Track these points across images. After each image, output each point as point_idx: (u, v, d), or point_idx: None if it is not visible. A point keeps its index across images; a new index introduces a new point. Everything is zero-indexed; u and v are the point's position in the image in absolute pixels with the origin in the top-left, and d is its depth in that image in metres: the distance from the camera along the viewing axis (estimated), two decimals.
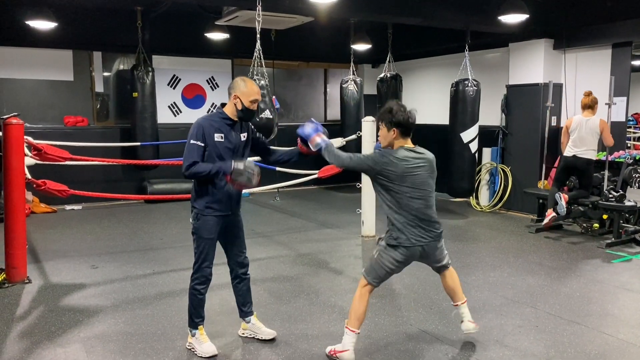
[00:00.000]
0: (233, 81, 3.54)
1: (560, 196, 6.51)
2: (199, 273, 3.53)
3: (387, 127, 3.37)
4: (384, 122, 3.38)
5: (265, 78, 5.87)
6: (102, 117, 9.36)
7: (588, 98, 6.65)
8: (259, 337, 3.74)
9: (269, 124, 5.74)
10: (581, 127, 6.60)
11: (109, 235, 6.82)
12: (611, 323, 4.07)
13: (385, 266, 3.42)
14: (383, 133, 3.41)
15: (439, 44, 9.32)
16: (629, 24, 6.96)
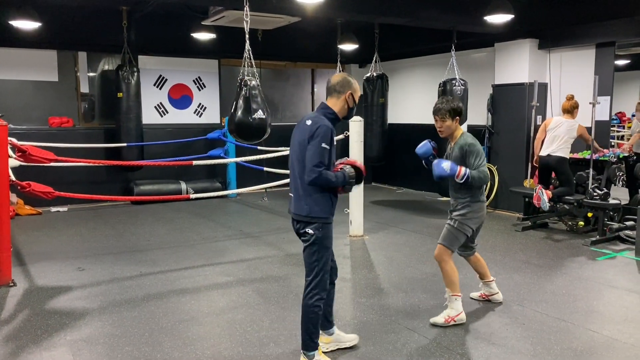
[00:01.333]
0: (340, 78, 3.29)
1: (543, 192, 6.59)
2: (320, 287, 3.23)
3: (452, 118, 4.01)
4: (449, 115, 4.00)
5: (256, 78, 5.86)
6: (88, 118, 9.28)
7: (568, 103, 6.83)
8: (343, 347, 3.55)
9: (262, 124, 5.72)
10: (559, 127, 6.74)
11: (95, 237, 6.76)
12: (596, 320, 4.11)
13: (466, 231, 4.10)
14: (448, 124, 4.03)
15: (425, 43, 9.37)
16: (612, 24, 7.05)
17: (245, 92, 5.68)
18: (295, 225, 3.29)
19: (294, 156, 3.25)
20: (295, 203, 3.25)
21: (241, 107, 5.72)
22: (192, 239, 6.60)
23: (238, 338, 3.76)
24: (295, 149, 3.23)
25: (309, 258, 3.24)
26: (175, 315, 4.18)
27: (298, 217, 3.23)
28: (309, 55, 10.74)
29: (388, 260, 5.77)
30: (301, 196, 3.20)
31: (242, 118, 5.73)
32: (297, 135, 3.25)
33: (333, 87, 3.28)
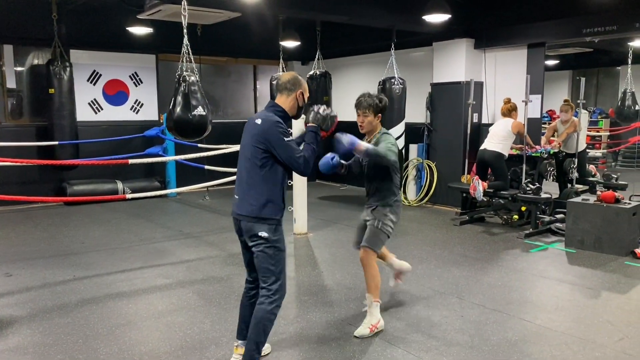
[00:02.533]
0: (291, 77, 3.21)
1: (479, 182, 6.82)
2: (281, 292, 3.11)
3: (374, 114, 3.85)
4: (372, 110, 3.83)
5: (195, 74, 5.72)
6: (15, 115, 8.78)
7: (505, 106, 7.15)
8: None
9: (202, 120, 5.58)
10: (497, 125, 7.02)
11: (24, 240, 6.41)
12: (530, 309, 4.28)
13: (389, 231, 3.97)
14: (370, 119, 3.82)
15: (366, 42, 9.48)
16: (542, 25, 7.38)
17: (184, 88, 5.54)
18: (242, 227, 3.09)
19: (243, 155, 3.14)
20: (240, 203, 3.10)
21: (180, 104, 5.57)
22: (130, 241, 6.38)
23: (178, 341, 3.66)
24: (246, 148, 3.12)
25: (264, 263, 3.06)
26: (111, 320, 4.02)
27: (244, 218, 3.06)
28: (250, 52, 10.62)
29: (332, 257, 5.79)
30: (248, 195, 3.07)
31: (181, 115, 5.57)
32: (247, 134, 3.13)
33: (283, 85, 3.19)
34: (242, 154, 3.16)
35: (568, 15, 7.07)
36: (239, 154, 3.21)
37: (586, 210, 6.01)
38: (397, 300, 4.44)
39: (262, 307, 3.07)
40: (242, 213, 3.08)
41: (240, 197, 3.11)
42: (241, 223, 3.10)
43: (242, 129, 3.64)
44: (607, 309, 4.30)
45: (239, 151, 3.22)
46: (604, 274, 5.17)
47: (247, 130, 3.16)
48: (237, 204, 3.12)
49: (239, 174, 3.17)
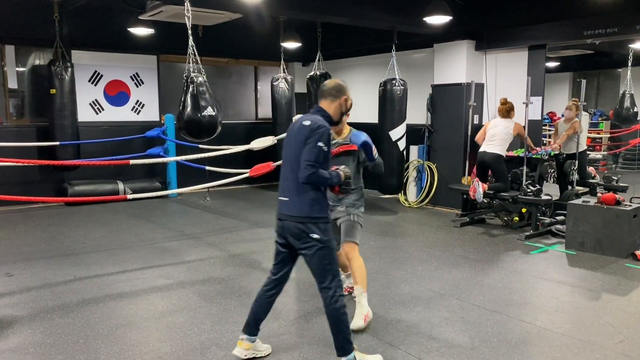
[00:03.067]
0: (336, 84, 3.33)
1: (479, 184, 6.81)
2: (341, 287, 3.17)
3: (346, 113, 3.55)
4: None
5: (202, 74, 5.72)
6: (17, 115, 8.79)
7: (503, 107, 7.10)
8: (259, 356, 3.42)
9: (212, 121, 5.59)
10: (497, 126, 7.01)
11: (25, 240, 6.41)
12: (530, 311, 4.29)
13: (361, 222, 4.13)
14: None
15: (367, 43, 9.49)
16: (543, 27, 7.38)
17: (192, 89, 5.55)
18: (291, 227, 3.14)
19: (291, 157, 3.16)
20: (292, 204, 3.15)
21: (189, 105, 5.59)
22: (130, 241, 6.39)
23: (178, 342, 3.67)
24: (292, 151, 3.16)
25: (317, 265, 3.14)
26: (111, 321, 4.02)
27: (294, 219, 3.12)
28: (251, 53, 10.64)
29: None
30: (297, 197, 3.13)
31: (191, 115, 5.59)
32: (293, 135, 3.19)
33: (329, 92, 3.30)
34: (288, 155, 3.19)
35: (569, 17, 7.08)
36: (283, 155, 3.25)
37: (587, 212, 6.01)
38: (398, 302, 4.44)
39: (332, 307, 3.13)
40: (292, 214, 3.14)
41: (290, 199, 3.16)
42: (289, 224, 3.15)
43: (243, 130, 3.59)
44: (607, 310, 4.30)
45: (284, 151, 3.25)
46: (604, 276, 5.17)
47: (293, 131, 3.21)
48: (286, 205, 3.18)
49: (284, 175, 3.22)
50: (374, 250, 6.06)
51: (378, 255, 5.87)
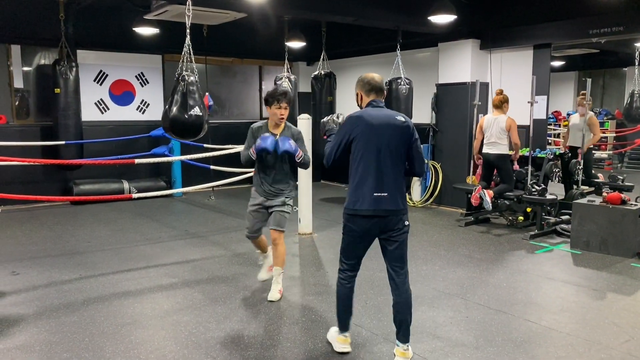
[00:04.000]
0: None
1: (485, 192, 6.79)
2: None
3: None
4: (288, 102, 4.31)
5: (194, 74, 5.73)
6: (22, 115, 8.83)
7: (497, 98, 7.01)
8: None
9: (198, 121, 5.58)
10: (492, 126, 6.97)
11: (31, 239, 6.45)
12: (535, 311, 4.28)
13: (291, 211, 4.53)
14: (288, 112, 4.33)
15: (371, 43, 9.48)
16: (548, 26, 7.36)
17: (182, 87, 5.54)
18: (390, 222, 3.24)
19: (393, 150, 3.21)
20: (393, 199, 3.21)
21: (177, 103, 5.56)
22: (135, 240, 6.41)
23: (183, 341, 3.68)
24: (394, 144, 3.21)
25: (404, 249, 3.33)
26: (117, 319, 4.04)
27: (394, 213, 3.23)
28: (256, 52, 10.64)
29: (336, 257, 5.71)
30: (396, 191, 3.23)
31: (177, 114, 5.55)
32: (390, 129, 3.21)
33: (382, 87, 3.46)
34: (387, 150, 3.19)
35: (574, 16, 7.05)
36: (368, 147, 3.20)
37: (592, 211, 6.00)
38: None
39: (409, 291, 3.37)
40: (396, 208, 3.23)
41: (391, 193, 3.21)
42: (392, 219, 3.24)
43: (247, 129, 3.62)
44: (612, 310, 4.29)
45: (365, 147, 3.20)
46: (609, 276, 5.15)
47: (383, 124, 3.21)
48: (386, 200, 3.20)
49: (379, 170, 3.19)
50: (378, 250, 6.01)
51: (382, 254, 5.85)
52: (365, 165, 3.19)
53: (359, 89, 3.43)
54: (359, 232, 3.26)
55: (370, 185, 3.18)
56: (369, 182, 3.19)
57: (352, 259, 3.39)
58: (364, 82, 3.41)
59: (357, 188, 3.21)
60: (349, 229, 3.29)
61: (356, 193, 3.21)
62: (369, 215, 3.20)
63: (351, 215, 3.24)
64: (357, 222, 3.24)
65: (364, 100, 3.39)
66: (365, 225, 3.24)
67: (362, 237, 3.29)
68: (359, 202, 3.20)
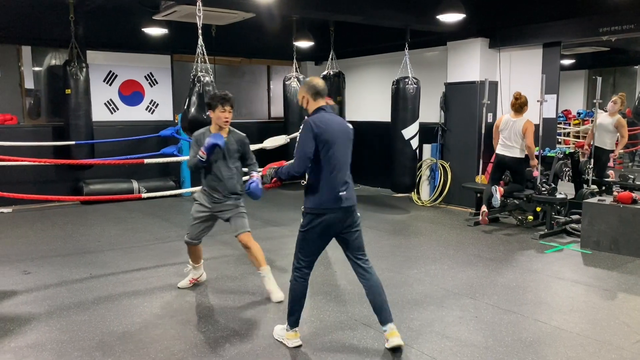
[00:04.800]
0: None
1: (496, 189, 6.75)
2: None
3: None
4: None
5: (209, 74, 5.75)
6: (33, 115, 8.91)
7: (516, 102, 6.79)
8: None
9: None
10: (509, 128, 6.84)
11: (42, 238, 6.50)
12: (545, 310, 4.25)
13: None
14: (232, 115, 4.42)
15: (380, 42, 9.47)
16: (557, 24, 7.31)
17: (198, 88, 5.58)
18: (350, 216, 3.47)
19: (345, 153, 3.49)
20: (352, 195, 3.50)
21: (195, 104, 5.62)
22: (145, 240, 6.44)
23: (192, 339, 3.70)
24: (345, 147, 3.50)
25: (362, 237, 3.62)
26: (127, 318, 4.07)
27: (353, 208, 3.49)
28: (264, 52, 10.67)
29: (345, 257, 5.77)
30: (351, 188, 3.52)
31: (195, 115, 5.62)
32: (343, 134, 3.49)
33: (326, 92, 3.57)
34: (344, 153, 3.47)
35: (584, 14, 7.00)
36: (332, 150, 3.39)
37: (602, 211, 5.95)
38: (411, 301, 4.44)
39: (376, 275, 3.61)
40: (353, 203, 3.50)
41: (350, 190, 3.48)
42: (353, 212, 3.50)
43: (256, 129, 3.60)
44: (623, 310, 4.26)
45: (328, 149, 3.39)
46: (620, 276, 5.12)
47: (340, 130, 3.48)
48: (348, 197, 3.45)
49: (341, 169, 3.44)
50: (387, 249, 6.05)
51: (391, 254, 5.86)
52: (329, 166, 3.39)
53: (304, 93, 3.52)
54: (325, 227, 3.43)
55: (335, 185, 3.40)
56: (333, 182, 3.39)
57: (311, 256, 3.53)
58: (309, 85, 3.51)
59: (322, 187, 3.38)
60: (314, 226, 3.42)
61: (322, 192, 3.38)
62: (336, 212, 3.41)
63: (319, 213, 3.39)
64: (324, 219, 3.40)
65: (311, 104, 3.51)
66: (331, 222, 3.42)
67: (327, 233, 3.47)
68: (327, 200, 3.38)
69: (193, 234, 4.54)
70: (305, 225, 3.45)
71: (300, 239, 3.50)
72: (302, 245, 3.50)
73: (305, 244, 3.49)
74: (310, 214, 3.42)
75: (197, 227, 4.51)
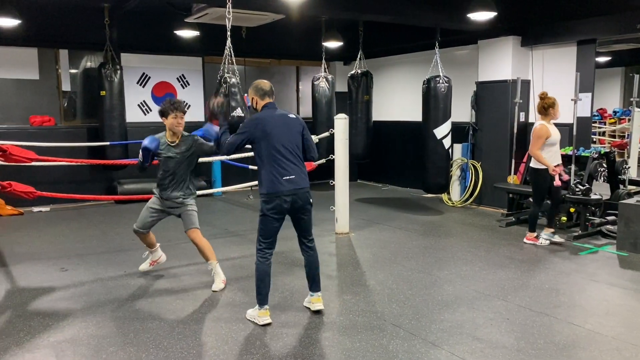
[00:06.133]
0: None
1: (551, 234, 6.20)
2: None
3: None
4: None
5: (236, 75, 5.82)
6: (69, 117, 9.16)
7: (539, 103, 6.09)
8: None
9: (241, 122, 5.69)
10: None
11: (78, 237, 6.68)
12: (579, 314, 4.17)
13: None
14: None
15: (409, 41, 9.41)
16: (593, 21, 7.14)
17: (224, 89, 5.65)
18: (302, 198, 3.90)
19: (293, 140, 3.93)
20: (301, 179, 3.90)
21: None
22: (177, 238, 6.55)
23: (223, 337, 3.75)
24: (292, 136, 3.94)
25: (311, 220, 4.07)
26: (160, 315, 4.15)
27: (302, 190, 3.89)
28: (293, 53, 10.72)
29: (374, 257, 5.78)
30: (300, 173, 3.91)
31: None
32: (286, 125, 3.94)
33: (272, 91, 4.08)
34: (288, 140, 3.90)
35: (620, 10, 6.81)
36: (271, 140, 3.86)
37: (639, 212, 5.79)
38: (441, 302, 4.41)
39: (316, 253, 4.16)
40: (305, 185, 3.93)
41: (298, 174, 3.90)
42: (302, 195, 3.89)
43: None
44: None
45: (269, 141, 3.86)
46: None
47: (284, 121, 3.95)
48: (296, 180, 3.87)
49: (283, 157, 3.86)
50: (417, 250, 6.02)
51: (421, 255, 5.83)
52: (272, 156, 3.84)
53: (253, 95, 4.04)
54: (277, 210, 3.84)
55: (279, 171, 3.83)
56: (277, 169, 3.83)
57: (270, 238, 3.93)
58: (257, 88, 4.03)
59: (268, 174, 3.83)
60: (268, 210, 3.84)
61: (270, 178, 3.82)
62: (284, 195, 3.82)
63: (270, 198, 3.82)
64: (275, 202, 3.82)
65: (259, 103, 4.02)
66: (281, 205, 3.84)
67: (281, 214, 3.88)
68: (272, 187, 3.82)
69: (141, 222, 4.95)
70: (261, 211, 3.89)
71: (259, 223, 3.93)
72: (261, 228, 3.92)
73: (263, 226, 3.90)
74: (262, 200, 3.87)
75: (146, 217, 4.94)
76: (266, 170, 3.85)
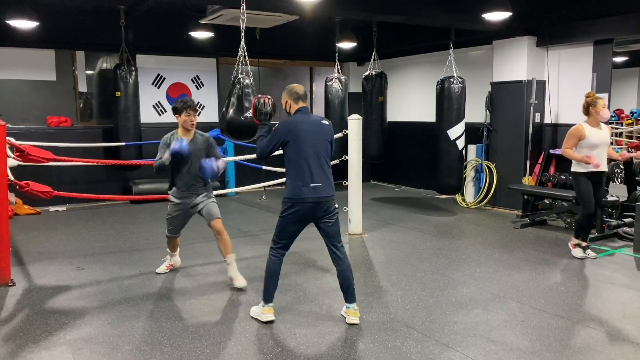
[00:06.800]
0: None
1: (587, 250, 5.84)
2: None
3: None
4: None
5: (250, 77, 5.85)
6: (86, 117, 9.27)
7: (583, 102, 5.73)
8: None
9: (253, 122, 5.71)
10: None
11: (94, 236, 6.76)
12: (595, 316, 4.12)
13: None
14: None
15: (423, 41, 9.38)
16: (609, 21, 7.06)
17: (238, 90, 5.69)
18: (325, 206, 3.86)
19: (324, 146, 3.90)
20: (327, 187, 3.87)
21: (233, 106, 5.73)
22: (191, 238, 6.59)
23: (237, 336, 3.77)
24: (322, 143, 3.91)
25: (338, 226, 4.00)
26: (174, 314, 4.18)
27: (331, 198, 3.89)
28: (307, 54, 10.74)
29: (387, 258, 5.77)
30: (327, 180, 3.89)
31: (233, 117, 5.73)
32: (319, 131, 3.93)
33: (306, 95, 4.09)
34: (319, 146, 3.87)
35: (638, 9, 6.73)
36: (302, 148, 3.82)
37: None
38: (455, 303, 4.38)
39: (348, 259, 4.01)
40: (331, 194, 3.89)
41: (325, 182, 3.86)
42: (325, 203, 3.86)
43: None
44: None
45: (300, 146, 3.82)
46: None
47: (317, 128, 3.93)
48: (322, 187, 3.84)
49: (316, 164, 3.83)
50: (431, 251, 5.99)
51: (435, 256, 5.80)
52: (301, 161, 3.80)
53: (287, 98, 4.03)
54: (299, 215, 3.83)
55: (305, 177, 3.79)
56: (303, 175, 3.79)
57: (286, 239, 3.96)
58: (291, 92, 4.02)
59: (296, 180, 3.80)
60: (288, 213, 3.84)
61: (297, 184, 3.79)
62: (306, 203, 3.80)
63: (292, 202, 3.81)
64: (296, 207, 3.81)
65: (293, 107, 4.01)
66: (303, 211, 3.82)
67: (302, 220, 3.88)
68: (298, 192, 3.79)
69: (171, 229, 5.07)
70: (282, 213, 3.89)
71: (278, 224, 3.94)
72: (279, 229, 3.94)
73: (282, 228, 3.93)
74: (285, 203, 3.86)
75: (173, 223, 5.05)
76: (293, 175, 3.82)
